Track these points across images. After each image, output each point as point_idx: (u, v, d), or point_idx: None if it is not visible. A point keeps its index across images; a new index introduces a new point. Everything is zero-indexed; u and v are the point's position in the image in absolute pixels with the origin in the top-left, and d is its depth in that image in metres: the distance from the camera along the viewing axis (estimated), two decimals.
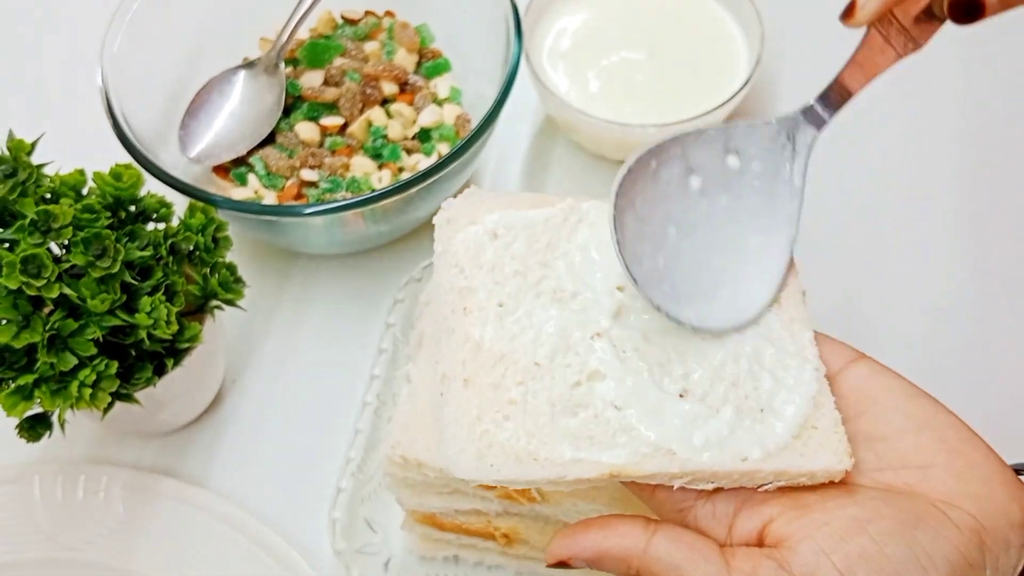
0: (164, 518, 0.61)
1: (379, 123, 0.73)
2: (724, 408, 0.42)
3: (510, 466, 0.40)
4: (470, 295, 0.44)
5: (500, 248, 0.45)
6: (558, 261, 0.45)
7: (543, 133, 0.79)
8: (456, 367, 0.42)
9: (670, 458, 0.40)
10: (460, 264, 0.45)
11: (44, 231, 0.50)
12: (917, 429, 0.41)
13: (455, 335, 0.43)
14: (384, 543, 0.61)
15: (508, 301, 0.44)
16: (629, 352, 0.43)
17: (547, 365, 0.42)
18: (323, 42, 0.76)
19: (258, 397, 0.68)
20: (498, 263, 0.45)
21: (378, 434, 0.62)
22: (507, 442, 0.40)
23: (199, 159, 0.70)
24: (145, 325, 0.53)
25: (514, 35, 0.67)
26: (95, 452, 0.65)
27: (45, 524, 0.61)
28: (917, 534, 0.38)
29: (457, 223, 0.46)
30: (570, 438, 0.40)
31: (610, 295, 0.44)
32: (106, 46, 0.66)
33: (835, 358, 0.44)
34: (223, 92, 0.73)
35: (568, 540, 0.41)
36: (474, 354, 0.42)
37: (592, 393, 0.42)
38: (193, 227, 0.57)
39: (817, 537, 0.38)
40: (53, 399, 0.52)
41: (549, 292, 0.44)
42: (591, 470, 0.40)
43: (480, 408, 0.41)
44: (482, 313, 0.43)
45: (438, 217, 0.47)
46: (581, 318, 0.43)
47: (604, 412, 0.41)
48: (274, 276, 0.72)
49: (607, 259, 0.45)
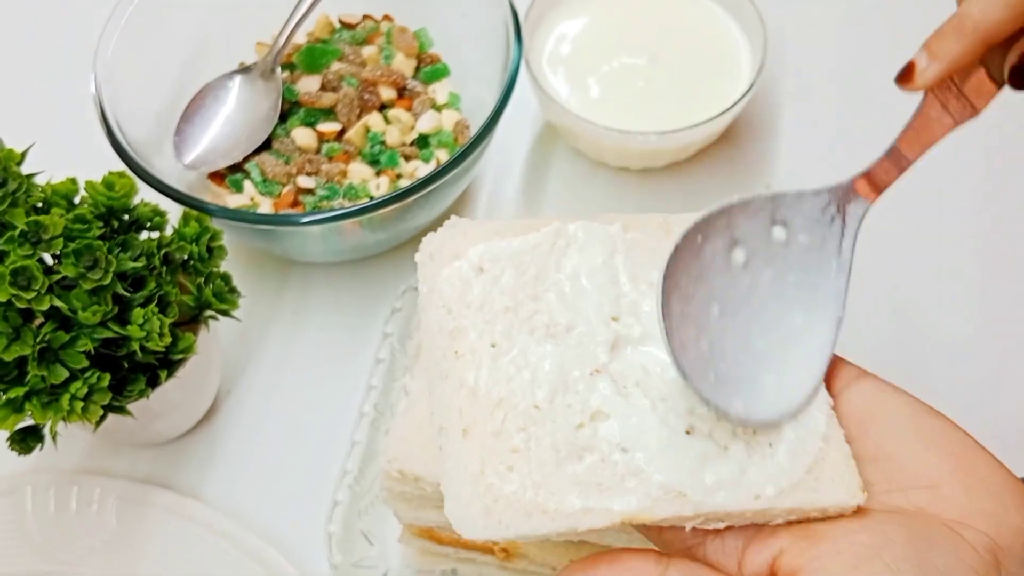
0: (158, 531, 0.61)
1: (377, 129, 0.72)
2: (733, 445, 0.40)
3: (519, 521, 0.38)
4: (461, 337, 0.42)
5: (488, 283, 0.43)
6: (548, 293, 0.43)
7: (543, 139, 0.78)
8: (453, 417, 0.40)
9: (682, 501, 0.39)
10: (447, 304, 0.43)
11: (34, 242, 0.50)
12: (924, 447, 0.40)
13: (448, 381, 0.41)
14: (381, 556, 0.60)
15: (501, 340, 0.42)
16: (631, 387, 0.41)
17: (547, 408, 0.40)
18: (320, 46, 0.75)
19: (254, 407, 0.67)
20: (487, 300, 0.43)
21: (375, 446, 0.62)
22: (514, 495, 0.39)
23: (194, 165, 0.70)
24: (138, 337, 0.52)
25: (514, 40, 0.67)
26: (88, 463, 0.64)
27: (37, 537, 0.61)
28: (932, 557, 0.37)
29: (440, 258, 0.44)
30: (578, 486, 0.39)
31: (605, 326, 0.42)
32: (99, 51, 0.66)
33: (838, 377, 0.43)
34: (219, 97, 0.72)
35: (577, 575, 0.40)
36: (470, 401, 0.41)
37: (596, 435, 0.40)
38: (187, 236, 0.57)
39: (831, 568, 0.37)
40: (44, 412, 0.51)
41: (542, 327, 0.42)
42: (602, 519, 0.38)
43: (482, 460, 0.39)
44: (475, 356, 0.41)
45: (420, 254, 0.45)
46: (578, 353, 0.42)
47: (611, 455, 0.40)
48: (270, 284, 0.71)
49: (598, 288, 0.43)
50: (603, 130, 0.69)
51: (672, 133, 0.68)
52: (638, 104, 0.72)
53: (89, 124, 0.64)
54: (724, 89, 0.72)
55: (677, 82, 0.73)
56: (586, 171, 0.76)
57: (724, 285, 0.42)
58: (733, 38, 0.75)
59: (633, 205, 0.74)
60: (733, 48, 0.74)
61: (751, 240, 0.42)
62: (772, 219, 0.43)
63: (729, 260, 0.42)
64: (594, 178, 0.76)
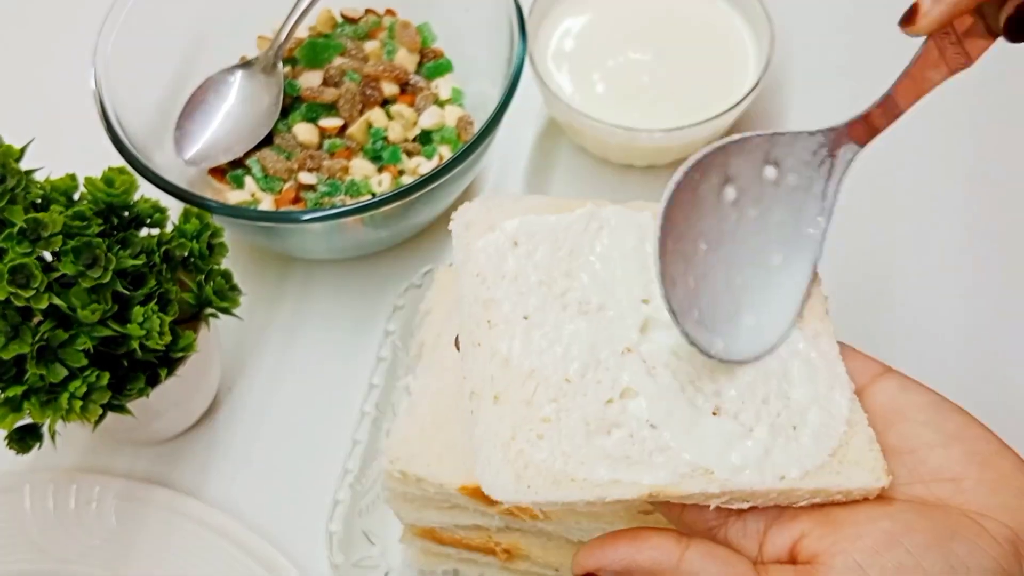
0: (157, 530, 0.60)
1: (379, 125, 0.71)
2: (757, 427, 0.41)
3: (548, 488, 0.39)
4: (494, 307, 0.43)
5: (522, 257, 0.44)
6: (581, 272, 0.44)
7: (546, 135, 0.78)
8: (485, 383, 0.41)
9: (709, 478, 0.39)
10: (482, 273, 0.44)
11: (33, 240, 0.49)
12: (947, 442, 0.40)
13: (481, 349, 0.42)
14: (382, 556, 0.60)
15: (534, 313, 0.43)
16: (659, 368, 0.42)
17: (578, 382, 0.41)
18: (322, 41, 0.74)
19: (254, 405, 0.67)
20: (521, 273, 0.44)
21: (376, 445, 0.61)
22: (543, 463, 0.39)
23: (195, 161, 0.69)
24: (137, 336, 0.52)
25: (518, 35, 0.66)
26: (87, 460, 0.64)
27: (36, 535, 0.60)
28: (953, 546, 0.37)
29: (475, 229, 0.45)
30: (606, 458, 0.40)
31: (635, 308, 0.43)
32: (99, 46, 0.65)
33: (862, 372, 0.43)
34: (220, 92, 0.71)
35: (597, 551, 0.40)
36: (502, 369, 0.41)
37: (625, 411, 0.41)
38: (187, 233, 0.56)
39: (851, 552, 0.37)
40: (43, 411, 0.51)
41: (575, 304, 0.43)
42: (630, 491, 0.39)
43: (514, 427, 0.40)
44: (508, 326, 0.42)
45: (455, 223, 0.46)
46: (609, 332, 0.42)
47: (639, 431, 0.40)
48: (271, 281, 0.71)
49: (630, 271, 0.44)
50: (608, 127, 0.68)
51: (677, 130, 0.68)
52: (643, 101, 0.71)
53: (89, 119, 0.63)
54: (730, 86, 0.71)
55: (682, 78, 0.72)
56: (590, 168, 0.75)
57: (712, 222, 0.43)
58: (739, 34, 0.74)
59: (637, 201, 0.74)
60: (739, 44, 0.73)
61: (742, 178, 0.43)
62: (766, 158, 0.43)
63: (720, 197, 0.43)
64: (598, 175, 0.75)
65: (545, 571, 0.57)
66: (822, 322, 0.45)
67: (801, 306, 0.44)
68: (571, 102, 0.70)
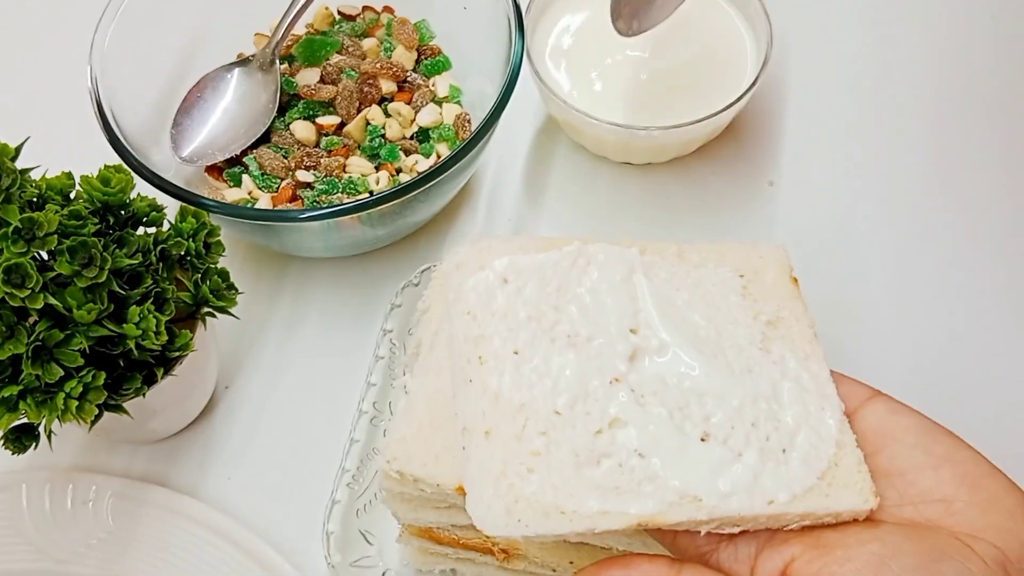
0: (154, 529, 0.60)
1: (377, 122, 0.71)
2: (747, 451, 0.42)
3: (538, 521, 0.40)
4: (485, 343, 0.44)
5: (511, 293, 0.45)
6: (570, 305, 0.45)
7: (544, 133, 0.77)
8: (476, 419, 0.42)
9: (697, 506, 0.40)
10: (473, 312, 0.45)
11: (28, 239, 0.49)
12: (936, 464, 0.41)
13: (473, 385, 0.43)
14: (380, 556, 0.60)
15: (524, 348, 0.44)
16: (648, 396, 0.42)
17: (567, 414, 0.42)
18: (320, 38, 0.74)
19: (251, 404, 0.66)
20: (511, 309, 0.45)
21: (374, 443, 0.61)
22: (533, 496, 0.40)
23: (192, 159, 0.69)
24: (134, 335, 0.51)
25: (516, 33, 0.66)
26: (84, 459, 0.64)
27: (32, 534, 0.60)
28: (942, 567, 0.37)
29: (466, 269, 0.46)
30: (596, 489, 0.40)
31: (624, 338, 0.44)
32: (95, 43, 0.65)
33: (851, 397, 0.44)
34: (217, 90, 0.71)
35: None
36: (493, 404, 0.42)
37: (614, 442, 0.42)
38: (184, 232, 0.56)
39: (841, 575, 0.37)
40: (39, 411, 0.51)
41: (564, 337, 0.44)
42: (618, 521, 0.40)
43: (504, 461, 0.41)
44: (498, 362, 0.43)
45: (446, 264, 0.47)
46: (598, 363, 0.43)
47: (628, 460, 0.41)
48: (268, 280, 0.71)
49: (618, 302, 0.45)
50: (605, 125, 0.68)
51: (675, 128, 0.68)
52: (641, 99, 0.71)
53: (85, 117, 0.63)
54: (728, 84, 0.71)
55: (680, 76, 0.72)
56: (588, 166, 0.75)
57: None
58: (737, 32, 0.74)
59: (635, 200, 0.74)
60: (737, 42, 0.73)
61: None
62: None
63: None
64: (596, 173, 0.75)
65: (542, 571, 0.57)
66: (811, 344, 0.46)
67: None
68: (569, 100, 0.70)
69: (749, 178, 0.74)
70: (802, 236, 0.71)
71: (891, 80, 0.79)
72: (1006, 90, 0.78)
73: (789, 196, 0.74)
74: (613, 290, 0.45)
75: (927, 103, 0.78)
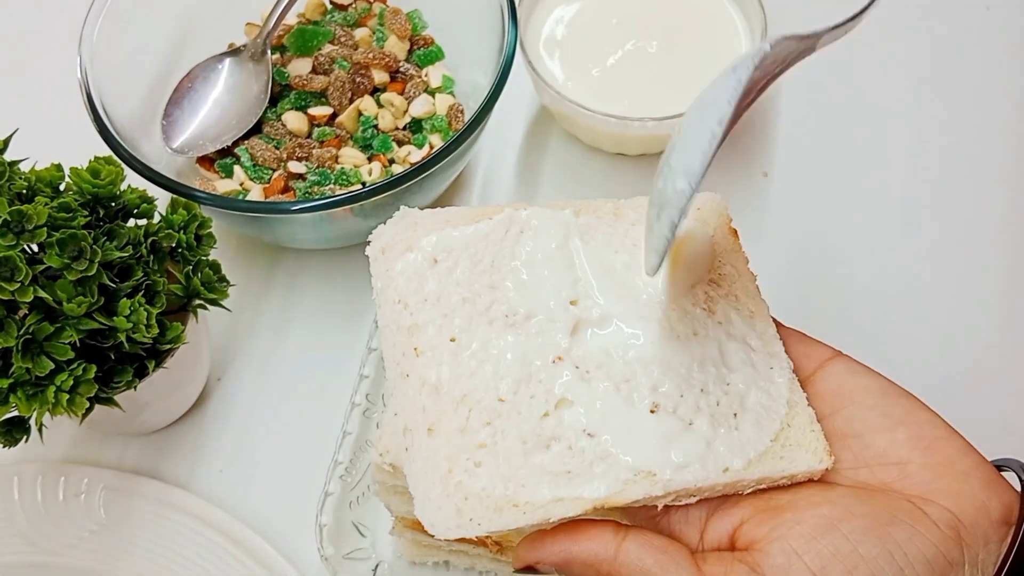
0: (146, 521, 0.60)
1: (369, 113, 0.71)
2: (698, 419, 0.40)
3: (491, 518, 0.38)
4: (419, 333, 0.41)
5: (443, 275, 0.43)
6: (506, 281, 0.43)
7: (538, 123, 0.77)
8: (417, 416, 0.40)
9: (652, 481, 0.39)
10: (403, 299, 0.42)
11: (18, 232, 0.48)
12: (893, 426, 0.40)
13: (410, 380, 0.41)
14: (373, 548, 0.60)
15: (460, 335, 0.41)
16: (593, 371, 0.41)
17: (511, 400, 0.40)
18: (311, 28, 0.74)
19: (244, 396, 0.66)
20: (443, 293, 0.42)
21: (367, 436, 0.61)
22: (484, 491, 0.38)
23: (183, 150, 0.68)
24: (124, 328, 0.51)
25: (509, 22, 0.65)
26: (76, 452, 0.64)
27: (24, 526, 0.60)
28: (892, 531, 0.37)
29: (393, 252, 0.44)
30: (547, 476, 0.39)
31: (564, 311, 0.42)
32: (85, 34, 0.64)
33: (811, 357, 0.43)
34: (208, 80, 0.70)
35: (536, 544, 0.40)
36: (434, 399, 0.40)
37: (562, 423, 0.40)
38: (175, 224, 0.56)
39: (788, 538, 0.37)
40: (29, 404, 0.50)
41: (501, 318, 0.42)
42: (574, 508, 0.38)
43: (450, 458, 0.39)
44: (435, 352, 0.41)
45: (371, 248, 0.44)
46: (539, 342, 0.41)
47: (577, 442, 0.40)
48: (260, 271, 0.70)
49: (555, 272, 0.43)
50: (599, 116, 0.67)
51: (669, 119, 0.67)
52: (635, 89, 0.71)
53: (75, 109, 0.63)
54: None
55: (674, 67, 0.72)
56: (582, 156, 0.75)
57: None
58: (732, 23, 0.73)
59: (629, 190, 0.72)
60: (732, 33, 0.73)
61: None
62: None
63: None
64: (590, 163, 0.75)
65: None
66: (755, 300, 0.44)
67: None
68: (563, 90, 0.69)
69: (743, 169, 0.74)
70: (796, 226, 0.71)
71: (884, 71, 0.79)
72: (1000, 82, 0.78)
73: (783, 187, 0.74)
74: (549, 259, 0.43)
75: (920, 94, 0.78)
